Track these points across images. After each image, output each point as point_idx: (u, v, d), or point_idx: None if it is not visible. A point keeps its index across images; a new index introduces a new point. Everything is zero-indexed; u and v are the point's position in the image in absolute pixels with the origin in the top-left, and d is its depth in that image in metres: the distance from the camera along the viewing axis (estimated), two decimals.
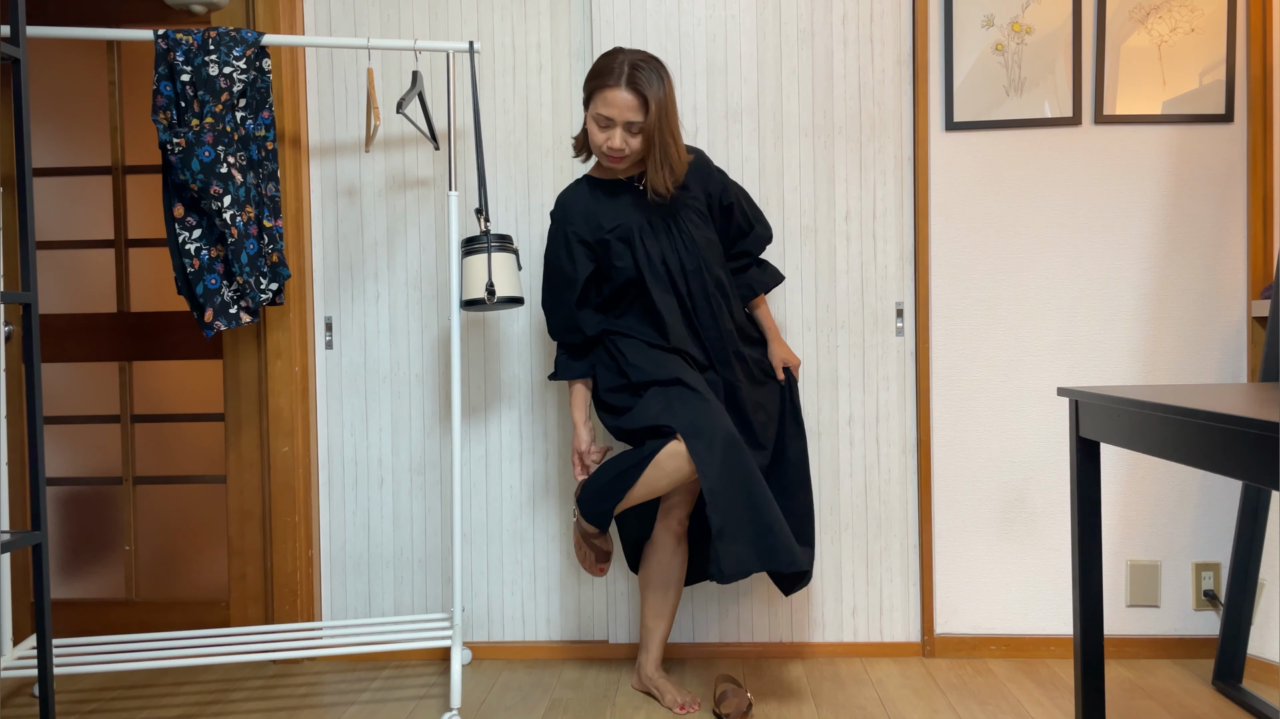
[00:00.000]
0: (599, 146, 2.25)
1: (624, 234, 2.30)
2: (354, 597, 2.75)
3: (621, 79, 2.18)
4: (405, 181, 2.72)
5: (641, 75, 2.19)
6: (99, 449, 2.94)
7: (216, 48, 2.31)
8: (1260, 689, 2.36)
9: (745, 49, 2.66)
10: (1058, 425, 2.64)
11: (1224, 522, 2.60)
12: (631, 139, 2.22)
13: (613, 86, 2.18)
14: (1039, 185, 2.63)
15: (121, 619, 2.86)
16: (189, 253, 2.35)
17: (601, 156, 2.28)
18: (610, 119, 2.20)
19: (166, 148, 2.30)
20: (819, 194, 2.67)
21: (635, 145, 2.23)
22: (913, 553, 2.67)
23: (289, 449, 2.66)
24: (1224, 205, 2.60)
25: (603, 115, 2.21)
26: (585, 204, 2.35)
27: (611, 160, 2.25)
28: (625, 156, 2.24)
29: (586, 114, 2.26)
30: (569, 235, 2.33)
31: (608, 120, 2.21)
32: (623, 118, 2.19)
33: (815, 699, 2.38)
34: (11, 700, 2.48)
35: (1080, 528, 1.81)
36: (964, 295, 2.65)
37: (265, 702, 2.42)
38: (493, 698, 2.43)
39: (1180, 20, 2.57)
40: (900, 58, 2.65)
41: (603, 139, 2.23)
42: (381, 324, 2.73)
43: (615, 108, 2.18)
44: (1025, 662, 2.61)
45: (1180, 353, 2.62)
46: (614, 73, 2.19)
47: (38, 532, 1.84)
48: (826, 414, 2.67)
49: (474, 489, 2.73)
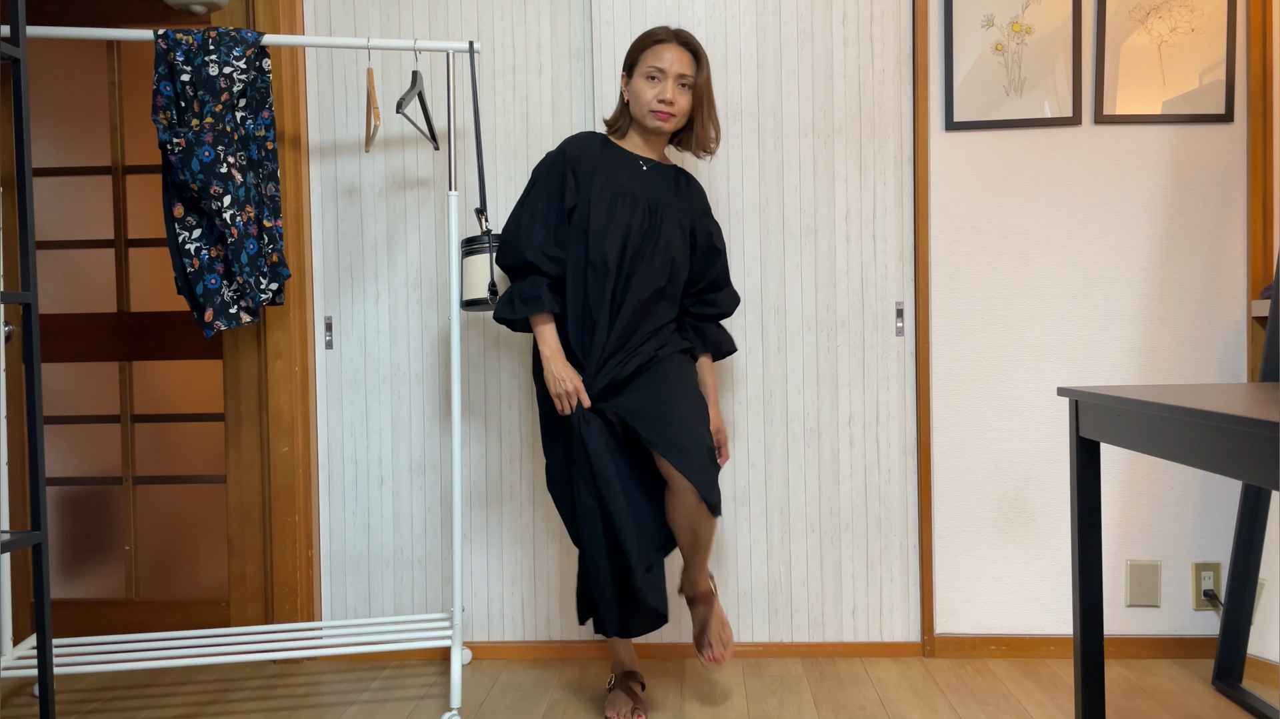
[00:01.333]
0: (648, 103, 2.21)
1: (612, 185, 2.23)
2: (354, 597, 2.75)
3: (672, 35, 2.24)
4: (405, 181, 2.72)
5: (691, 36, 2.26)
6: (99, 449, 2.94)
7: (216, 48, 2.31)
8: (1260, 689, 2.36)
9: (745, 49, 2.66)
10: (1058, 425, 2.64)
11: (1224, 522, 2.60)
12: (681, 96, 2.22)
13: (665, 41, 2.24)
14: (1039, 185, 2.63)
15: (121, 619, 2.86)
16: (189, 253, 2.35)
17: (648, 116, 2.23)
18: (663, 70, 2.20)
19: (166, 148, 2.30)
20: (819, 194, 2.67)
21: (684, 104, 2.23)
22: (913, 553, 2.67)
23: (289, 449, 2.66)
24: (1224, 205, 2.60)
25: (655, 67, 2.21)
26: (595, 149, 2.28)
27: (660, 118, 2.22)
28: (673, 115, 2.22)
29: (628, 82, 2.27)
30: (568, 163, 2.26)
31: (659, 71, 2.20)
32: (674, 69, 2.20)
33: (815, 699, 2.38)
34: (11, 700, 2.48)
35: (1080, 528, 1.81)
36: (964, 295, 2.65)
37: (265, 702, 2.42)
38: (493, 698, 2.43)
39: (1180, 20, 2.57)
40: (900, 58, 2.65)
41: (653, 94, 2.20)
42: (381, 324, 2.73)
43: (667, 60, 2.20)
44: (1025, 662, 2.61)
45: (1180, 353, 2.62)
46: (662, 31, 2.25)
47: (38, 532, 1.84)
48: (826, 414, 2.67)
49: (474, 489, 2.73)
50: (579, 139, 2.31)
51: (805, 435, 2.67)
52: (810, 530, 2.68)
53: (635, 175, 2.27)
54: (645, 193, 2.26)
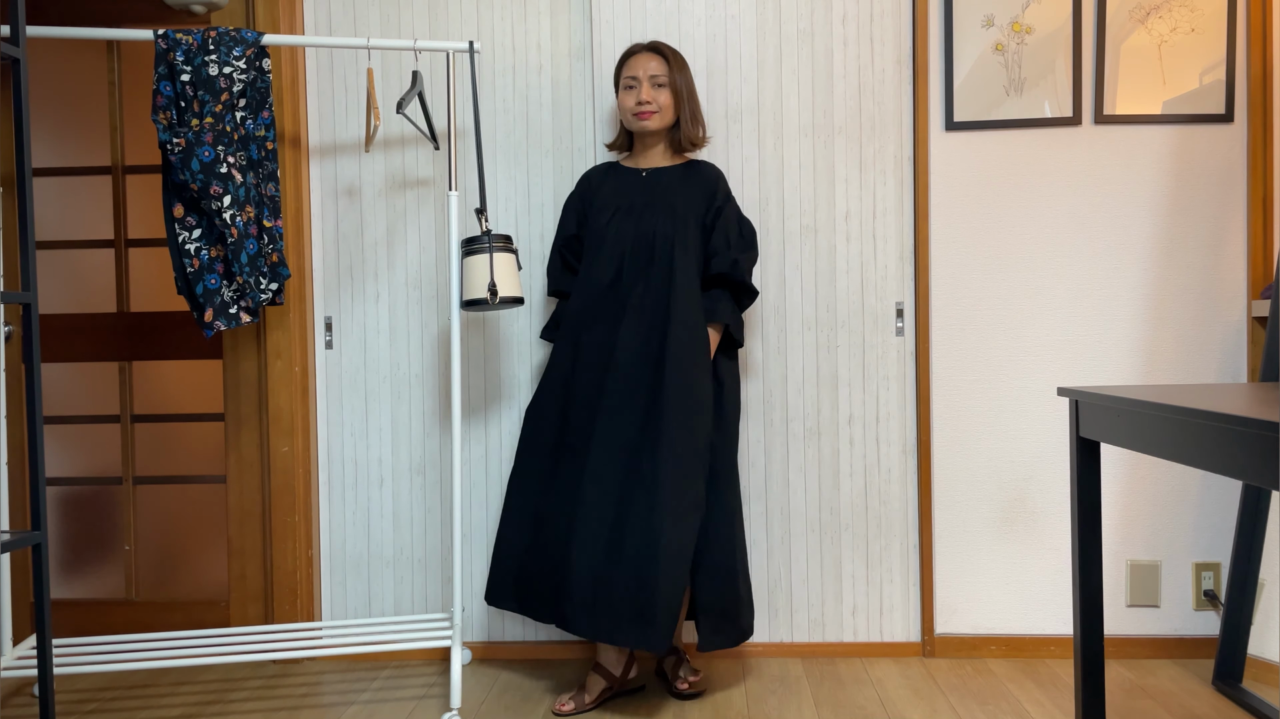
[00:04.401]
0: (628, 111, 2.39)
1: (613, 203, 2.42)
2: (354, 597, 2.75)
3: (643, 46, 2.42)
4: (405, 181, 2.72)
5: (661, 46, 2.41)
6: (99, 449, 2.94)
7: (216, 48, 2.31)
8: (1260, 689, 2.36)
9: (745, 49, 2.66)
10: (1058, 425, 2.64)
11: (1224, 522, 2.60)
12: (659, 94, 2.34)
13: (636, 53, 2.41)
14: (1039, 185, 2.63)
15: (121, 619, 2.86)
16: (189, 253, 2.35)
17: (631, 122, 2.40)
18: (635, 77, 2.37)
19: (166, 148, 2.30)
20: (819, 194, 2.67)
21: (664, 100, 2.36)
22: (913, 553, 2.67)
23: (289, 449, 2.66)
24: (1224, 205, 2.60)
25: (629, 77, 2.39)
26: (599, 178, 2.49)
27: (642, 118, 2.37)
28: (654, 112, 2.36)
29: (618, 99, 2.42)
30: (572, 199, 2.52)
31: (634, 80, 2.38)
32: (646, 72, 2.36)
33: (815, 699, 2.38)
34: (11, 700, 2.48)
35: (1080, 528, 1.81)
36: (964, 295, 2.65)
37: (265, 702, 2.42)
38: (493, 698, 2.43)
39: (1180, 20, 2.57)
40: (900, 58, 2.65)
41: (631, 100, 2.38)
42: (381, 324, 2.73)
43: (638, 68, 2.37)
44: (1025, 662, 2.61)
45: (1180, 353, 2.62)
46: (634, 46, 2.44)
47: (38, 532, 1.84)
48: (826, 414, 2.67)
49: (474, 489, 2.73)
50: (586, 174, 2.53)
51: (805, 435, 2.67)
52: (810, 530, 2.68)
53: (634, 186, 2.42)
54: (646, 199, 2.38)
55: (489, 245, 2.32)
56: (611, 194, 2.43)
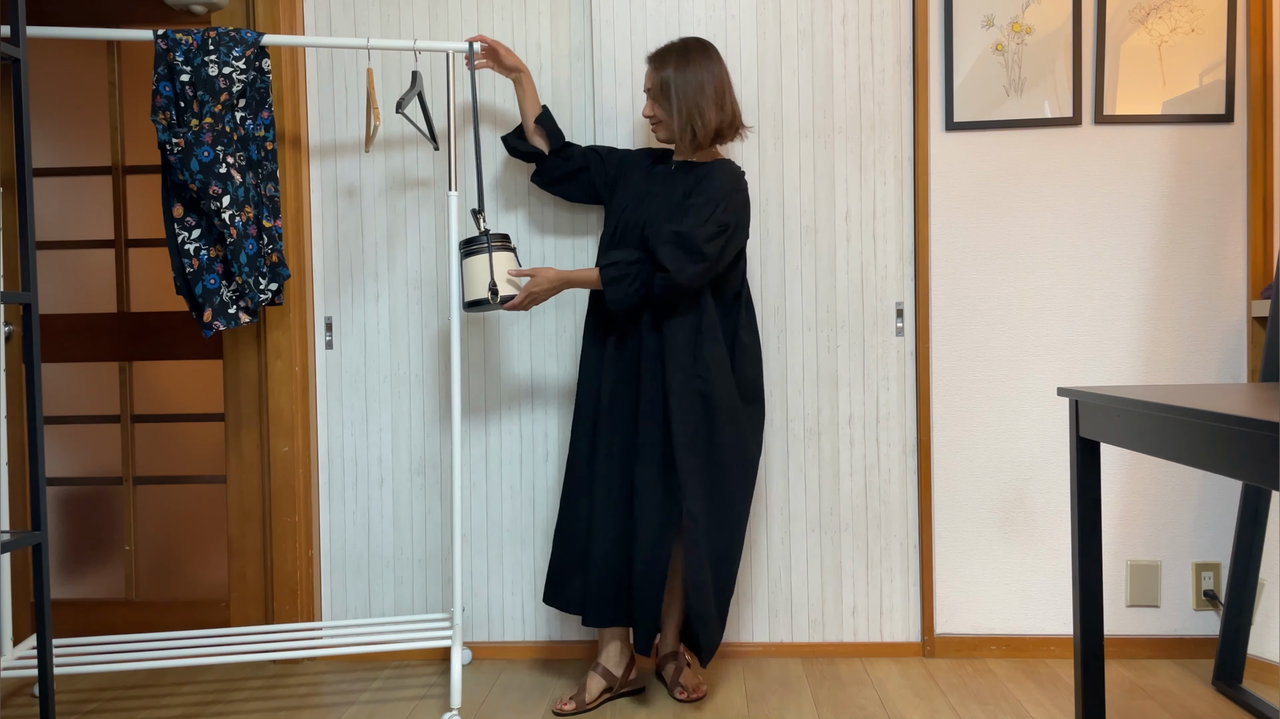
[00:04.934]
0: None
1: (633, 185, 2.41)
2: (354, 597, 2.75)
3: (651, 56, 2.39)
4: (405, 182, 2.72)
5: (662, 50, 2.36)
6: (99, 449, 2.94)
7: (216, 48, 2.31)
8: (1260, 689, 2.36)
9: (745, 49, 2.66)
10: (1058, 425, 2.64)
11: (1224, 522, 2.60)
12: (655, 106, 2.37)
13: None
14: (1039, 185, 2.63)
15: (121, 619, 2.86)
16: (188, 253, 2.35)
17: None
18: (646, 89, 2.39)
19: (166, 148, 2.30)
20: (819, 194, 2.67)
21: (659, 111, 2.36)
22: (913, 553, 2.67)
23: (289, 449, 2.66)
24: (1224, 205, 2.60)
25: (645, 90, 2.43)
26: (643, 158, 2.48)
27: (651, 126, 2.41)
28: (658, 123, 2.38)
29: None
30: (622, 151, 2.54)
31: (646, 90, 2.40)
32: (646, 86, 2.38)
33: (815, 699, 2.38)
34: (11, 700, 2.48)
35: (1080, 528, 1.81)
36: (964, 295, 2.65)
37: (265, 702, 2.42)
38: (493, 698, 2.43)
39: (1180, 20, 2.57)
40: (900, 58, 2.65)
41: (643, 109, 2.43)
42: (381, 324, 2.73)
43: (645, 81, 2.39)
44: (1025, 662, 2.61)
45: (1180, 353, 2.62)
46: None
47: (38, 532, 1.84)
48: (826, 414, 2.67)
49: (474, 489, 2.73)
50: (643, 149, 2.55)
51: (805, 435, 2.67)
52: (810, 530, 2.68)
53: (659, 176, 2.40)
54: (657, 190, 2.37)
55: (488, 245, 2.32)
56: (640, 178, 2.43)
